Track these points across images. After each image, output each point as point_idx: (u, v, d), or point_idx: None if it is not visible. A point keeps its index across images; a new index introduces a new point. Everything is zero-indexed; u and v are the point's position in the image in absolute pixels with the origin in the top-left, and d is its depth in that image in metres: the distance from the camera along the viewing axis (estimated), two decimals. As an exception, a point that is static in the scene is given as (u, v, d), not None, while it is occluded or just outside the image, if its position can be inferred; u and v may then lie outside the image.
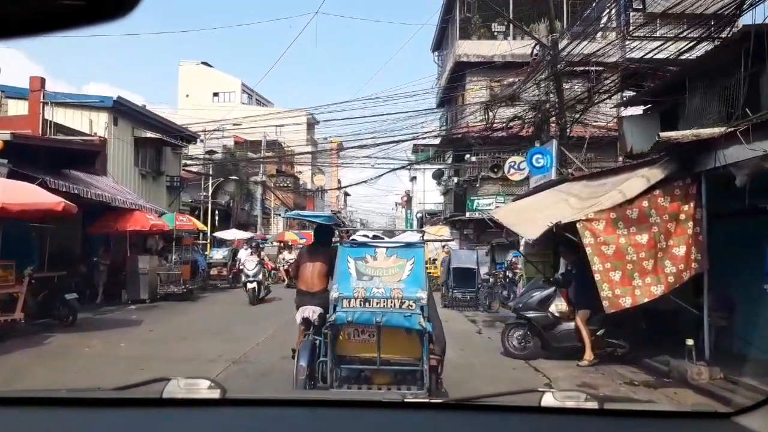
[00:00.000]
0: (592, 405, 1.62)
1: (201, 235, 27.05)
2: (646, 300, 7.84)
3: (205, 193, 31.79)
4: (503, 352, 8.77)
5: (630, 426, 1.64)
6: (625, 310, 7.86)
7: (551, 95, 16.88)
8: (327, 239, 6.62)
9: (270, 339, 10.29)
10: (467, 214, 25.68)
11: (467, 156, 22.65)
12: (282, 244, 31.99)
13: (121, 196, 16.58)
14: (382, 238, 6.15)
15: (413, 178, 55.22)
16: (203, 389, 1.70)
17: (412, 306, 4.80)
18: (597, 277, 7.88)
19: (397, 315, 4.79)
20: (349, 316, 4.80)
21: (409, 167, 24.31)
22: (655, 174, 8.09)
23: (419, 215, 45.23)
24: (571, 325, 8.57)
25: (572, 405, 1.63)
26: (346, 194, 76.86)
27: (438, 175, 29.56)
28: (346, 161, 26.92)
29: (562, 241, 10.67)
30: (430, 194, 44.19)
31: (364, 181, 25.29)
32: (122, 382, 1.81)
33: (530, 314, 8.69)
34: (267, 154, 39.76)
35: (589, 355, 8.32)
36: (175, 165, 23.83)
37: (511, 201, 17.56)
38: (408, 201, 60.67)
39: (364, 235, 6.25)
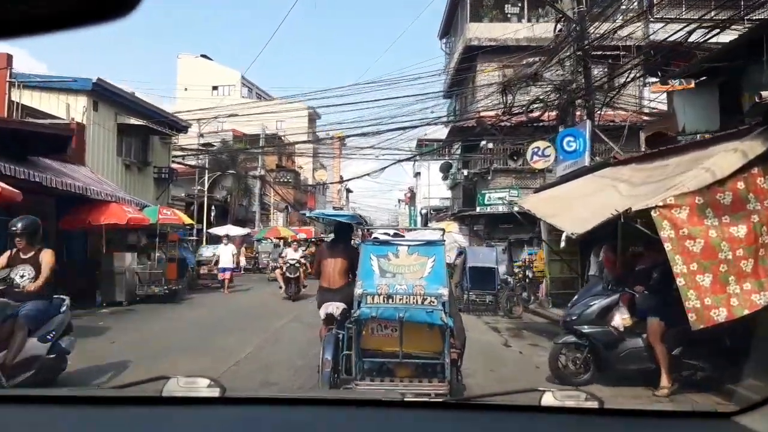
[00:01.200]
0: (592, 404, 1.59)
1: (195, 231, 25.16)
2: (746, 312, 5.83)
3: (200, 187, 29.81)
4: (551, 377, 6.72)
5: (630, 426, 1.61)
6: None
7: (577, 74, 14.89)
8: (347, 237, 6.84)
9: (253, 355, 8.32)
10: (477, 209, 23.64)
11: (483, 142, 20.60)
12: (280, 241, 30.04)
13: (96, 187, 14.61)
14: (403, 236, 6.00)
15: (417, 174, 53.24)
16: (203, 388, 1.67)
17: (433, 302, 4.91)
18: (680, 281, 5.86)
19: (419, 311, 4.89)
20: (373, 311, 4.93)
21: (414, 158, 22.24)
22: (754, 147, 6.06)
23: (424, 211, 43.21)
24: (639, 342, 6.56)
25: (572, 404, 1.60)
26: (348, 190, 74.89)
27: (446, 168, 27.53)
28: (348, 151, 24.88)
29: (602, 236, 8.71)
30: (435, 189, 42.17)
31: (368, 174, 23.33)
32: None
33: (588, 329, 6.66)
34: (266, 146, 37.83)
35: (666, 381, 6.30)
36: (163, 155, 21.84)
37: (532, 193, 15.53)
38: (411, 197, 58.64)
39: (385, 233, 6.04)
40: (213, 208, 34.18)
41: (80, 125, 16.96)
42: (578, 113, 14.86)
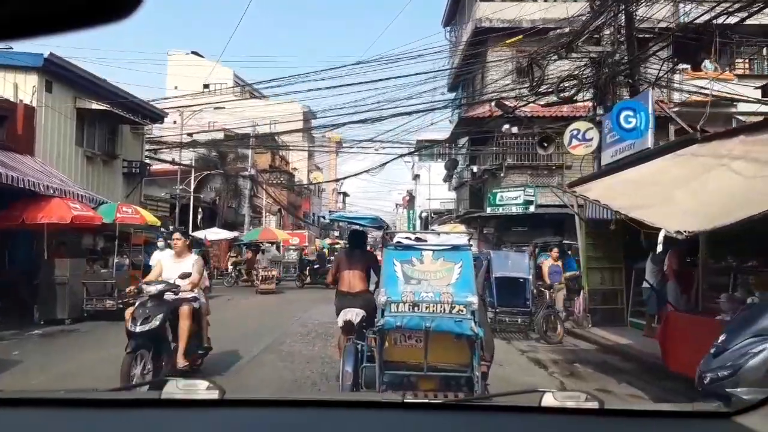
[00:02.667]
0: (592, 405, 1.57)
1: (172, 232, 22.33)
2: None
3: (182, 186, 26.98)
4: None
5: (630, 426, 1.59)
6: None
7: (618, 46, 12.17)
8: (362, 242, 6.90)
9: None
10: (488, 210, 20.87)
11: (505, 126, 17.78)
12: (272, 246, 27.28)
13: (37, 178, 11.80)
14: (425, 240, 5.27)
15: (416, 176, 50.50)
16: (202, 390, 1.66)
17: (462, 311, 4.50)
18: None
19: (447, 320, 4.51)
20: (398, 320, 4.57)
21: (418, 151, 19.49)
22: None
23: (424, 215, 40.44)
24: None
25: (572, 405, 1.58)
26: (345, 194, 72.14)
27: (451, 166, 24.74)
28: (346, 145, 22.00)
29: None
30: (436, 191, 39.46)
31: (366, 171, 20.39)
32: None
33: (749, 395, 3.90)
34: (256, 145, 35.05)
35: None
36: (135, 148, 18.98)
37: (560, 186, 12.71)
38: (410, 200, 55.86)
39: (407, 238, 5.39)
40: (200, 210, 31.43)
41: (28, 107, 14.15)
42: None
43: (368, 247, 9.46)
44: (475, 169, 21.07)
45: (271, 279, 18.36)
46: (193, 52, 49.73)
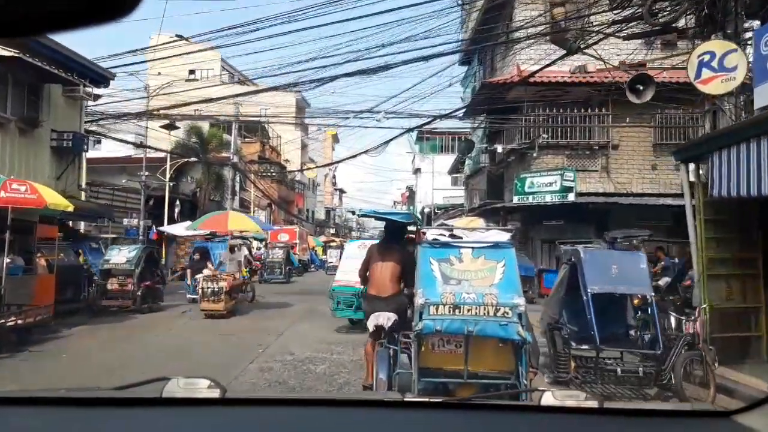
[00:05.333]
0: (592, 404, 1.52)
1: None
2: None
3: (147, 173, 22.58)
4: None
5: (630, 425, 1.53)
6: None
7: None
8: (398, 238, 6.07)
9: None
10: (515, 199, 16.51)
11: (575, 59, 13.24)
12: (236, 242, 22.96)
13: None
14: (460, 237, 4.82)
15: (417, 170, 46.15)
16: (203, 389, 1.57)
17: (508, 313, 4.12)
18: None
19: (492, 323, 4.11)
20: (437, 324, 4.16)
21: (427, 125, 15.08)
22: None
23: (427, 210, 36.12)
24: None
25: (572, 404, 1.52)
26: (341, 191, 67.78)
27: (466, 148, 20.34)
28: (343, 118, 17.43)
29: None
30: (438, 184, 35.21)
31: (365, 151, 16.09)
32: None
33: None
34: (240, 123, 30.73)
35: None
36: (70, 116, 14.53)
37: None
38: (410, 196, 51.50)
39: (441, 234, 4.91)
40: (178, 202, 27.04)
41: None
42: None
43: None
44: (499, 149, 16.67)
45: (218, 294, 11.50)
46: (177, 36, 45.27)
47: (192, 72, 44.47)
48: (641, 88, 8.21)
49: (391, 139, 17.07)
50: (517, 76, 15.53)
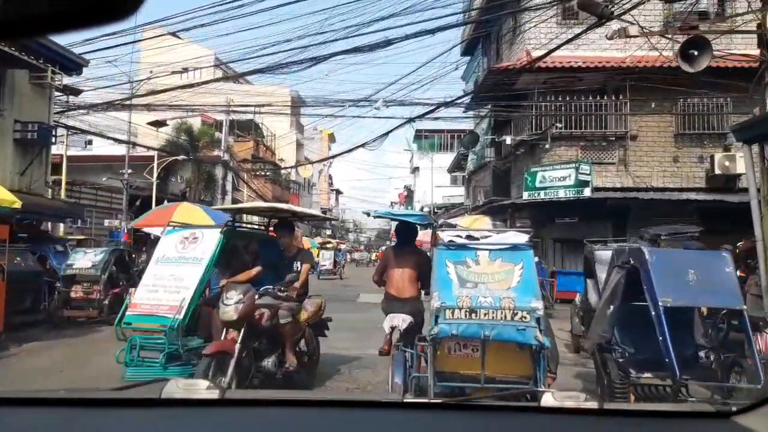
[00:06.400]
0: (592, 405, 1.49)
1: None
2: None
3: (131, 171, 21.15)
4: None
5: (630, 426, 1.51)
6: None
7: None
8: (411, 239, 5.96)
9: None
10: (525, 195, 15.13)
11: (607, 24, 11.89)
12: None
13: None
14: (477, 239, 4.60)
15: (415, 169, 44.80)
16: (202, 389, 1.57)
17: (526, 317, 3.95)
18: None
19: (509, 328, 3.97)
20: (453, 328, 4.01)
21: (428, 116, 13.61)
22: None
23: (426, 210, 34.74)
24: None
25: (572, 405, 1.49)
26: (338, 192, 66.38)
27: (470, 141, 18.94)
28: (337, 105, 15.98)
29: None
30: (438, 178, 33.84)
31: (362, 145, 14.64)
32: None
33: None
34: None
35: None
36: (38, 106, 13.09)
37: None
38: (408, 196, 50.14)
39: (457, 236, 4.69)
40: (166, 202, 25.63)
41: None
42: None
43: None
44: (508, 140, 15.27)
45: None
46: (170, 33, 43.83)
47: (185, 70, 43.13)
48: (695, 53, 6.84)
49: (391, 130, 15.48)
50: (526, 61, 14.16)
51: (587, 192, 14.07)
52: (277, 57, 26.70)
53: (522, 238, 4.59)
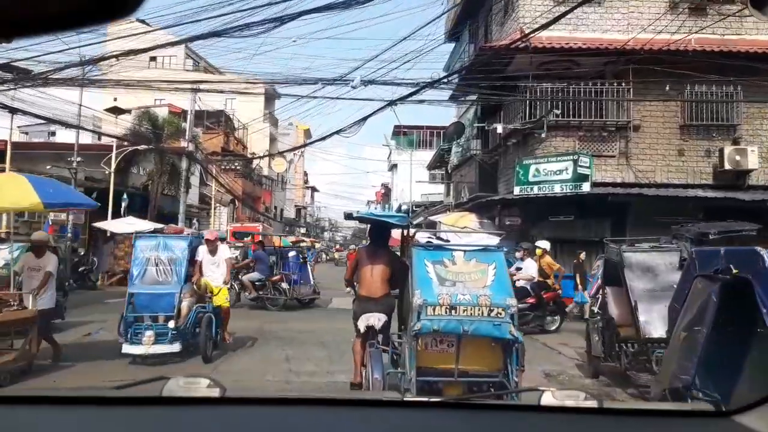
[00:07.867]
0: (592, 404, 1.49)
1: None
2: None
3: (80, 159, 19.04)
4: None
5: (629, 425, 1.50)
6: None
7: None
8: (385, 240, 6.10)
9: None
10: (516, 190, 13.56)
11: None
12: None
13: None
14: (448, 240, 5.15)
15: (393, 166, 43.13)
16: (203, 387, 1.56)
17: (501, 314, 4.24)
18: None
19: (486, 323, 4.23)
20: (435, 324, 4.23)
21: (411, 98, 11.92)
22: None
23: (405, 208, 33.12)
24: None
25: (572, 404, 1.50)
26: (314, 189, 64.39)
27: (455, 131, 17.31)
28: (309, 83, 14.08)
29: None
30: (417, 176, 32.19)
31: (338, 131, 12.89)
32: None
33: None
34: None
35: None
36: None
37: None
38: (385, 194, 48.45)
39: (430, 237, 5.33)
40: (125, 196, 23.48)
41: None
42: None
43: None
44: (499, 128, 13.67)
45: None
46: (138, 20, 41.42)
47: (153, 59, 40.79)
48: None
49: (369, 115, 13.82)
50: (519, 39, 12.59)
51: (586, 187, 12.57)
52: (236, 16, 24.45)
53: (493, 240, 4.95)
